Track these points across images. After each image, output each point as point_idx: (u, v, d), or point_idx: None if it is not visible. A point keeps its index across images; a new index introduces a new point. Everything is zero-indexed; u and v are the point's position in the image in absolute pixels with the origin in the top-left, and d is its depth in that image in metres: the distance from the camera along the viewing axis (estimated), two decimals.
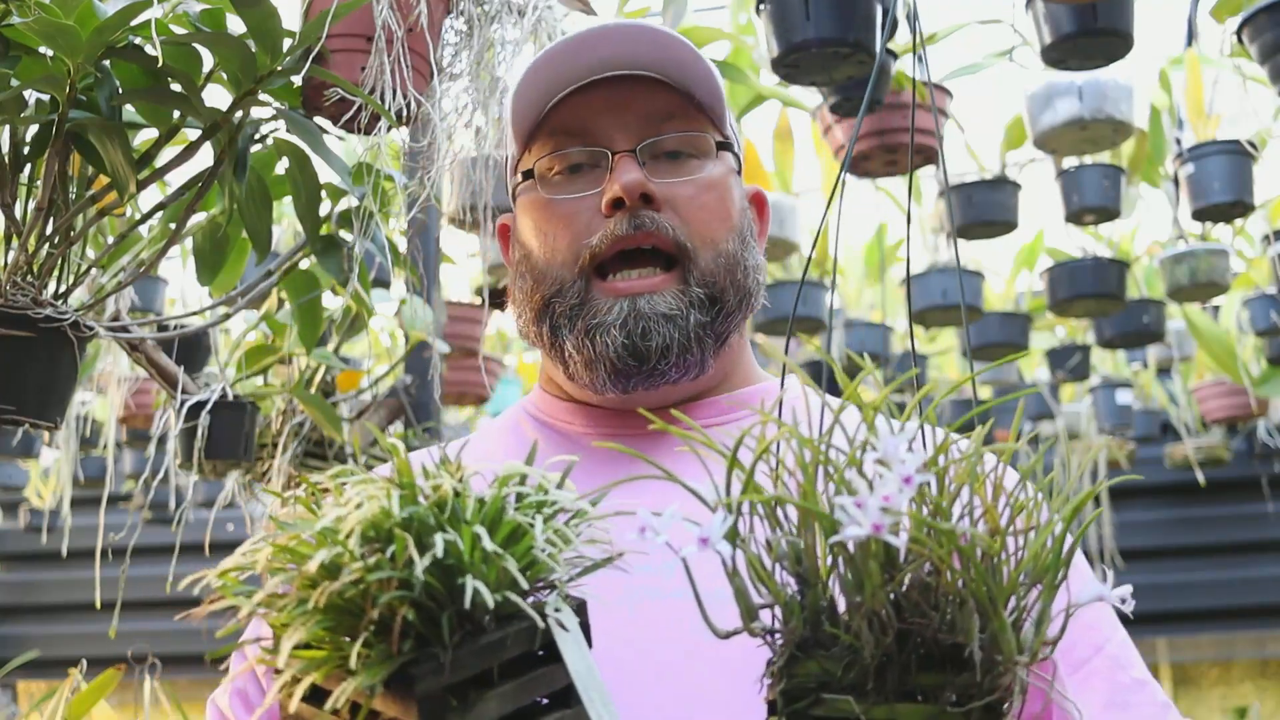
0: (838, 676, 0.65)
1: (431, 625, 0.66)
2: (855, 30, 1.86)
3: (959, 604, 0.64)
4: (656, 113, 1.03)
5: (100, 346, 2.42)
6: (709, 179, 1.03)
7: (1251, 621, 5.78)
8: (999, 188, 3.19)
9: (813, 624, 0.67)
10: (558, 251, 1.02)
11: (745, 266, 1.04)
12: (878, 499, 0.61)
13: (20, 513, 5.76)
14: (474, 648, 0.67)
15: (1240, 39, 2.27)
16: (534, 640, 0.70)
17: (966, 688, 0.65)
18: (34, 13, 1.08)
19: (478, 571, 0.66)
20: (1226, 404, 4.60)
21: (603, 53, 1.02)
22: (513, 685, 0.69)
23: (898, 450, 0.63)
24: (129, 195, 1.22)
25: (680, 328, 0.99)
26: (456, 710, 0.66)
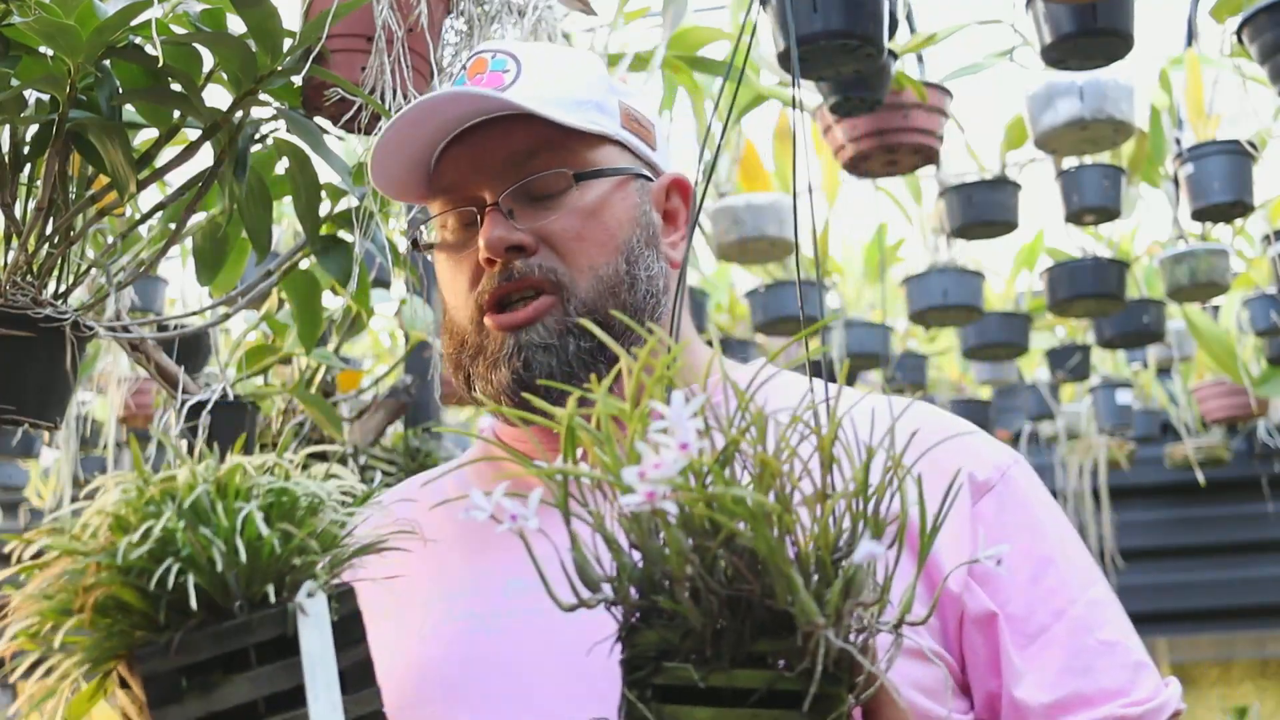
0: (676, 645, 0.66)
1: (157, 609, 0.69)
2: (863, 24, 1.86)
3: (765, 569, 0.64)
4: (519, 153, 1.04)
5: (100, 346, 2.42)
6: (579, 208, 1.04)
7: (1251, 621, 5.78)
8: (999, 188, 3.19)
9: (647, 594, 0.68)
10: (459, 309, 1.07)
11: (634, 283, 1.05)
12: (649, 467, 0.62)
13: (20, 513, 5.76)
14: (213, 631, 0.69)
15: (1240, 39, 2.27)
16: (284, 625, 0.71)
17: (794, 653, 0.65)
18: (34, 13, 1.08)
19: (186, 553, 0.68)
20: (1226, 404, 4.60)
21: (460, 108, 1.04)
22: (271, 668, 0.71)
23: (682, 417, 0.63)
24: (129, 195, 1.22)
25: (559, 357, 1.01)
26: (191, 691, 0.69)
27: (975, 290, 3.63)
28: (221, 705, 0.70)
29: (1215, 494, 5.57)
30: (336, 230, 1.55)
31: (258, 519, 0.71)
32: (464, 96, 1.03)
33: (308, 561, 0.74)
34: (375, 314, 2.28)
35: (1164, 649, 6.08)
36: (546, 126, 1.03)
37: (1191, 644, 6.09)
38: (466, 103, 1.03)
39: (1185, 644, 6.09)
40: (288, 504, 0.73)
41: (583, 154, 1.06)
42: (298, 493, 0.74)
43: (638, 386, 0.70)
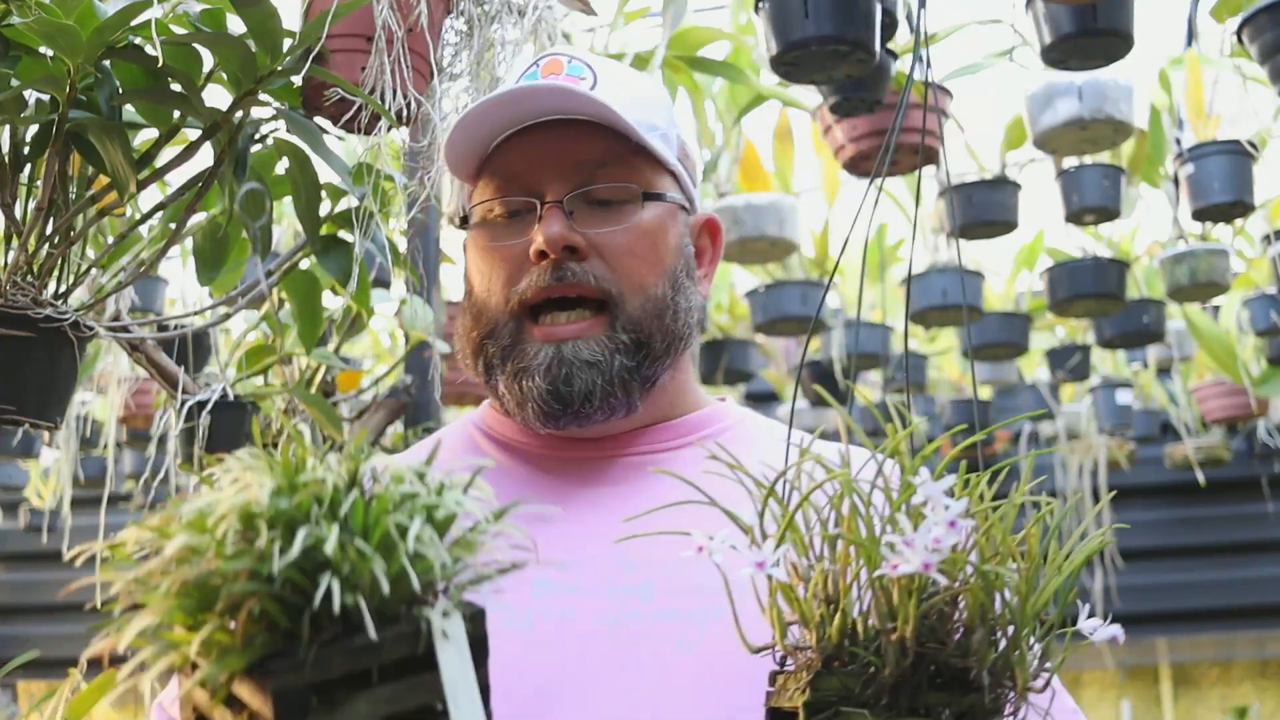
0: (857, 691, 0.72)
1: (297, 620, 0.65)
2: (855, 28, 1.86)
3: (971, 632, 0.72)
4: (589, 160, 1.06)
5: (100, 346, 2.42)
6: (639, 226, 1.06)
7: (1251, 621, 5.78)
8: (999, 188, 3.19)
9: (839, 644, 0.74)
10: (493, 294, 1.07)
11: (675, 310, 1.07)
12: (927, 539, 0.69)
13: (20, 513, 5.76)
14: (345, 647, 0.66)
15: (1240, 39, 2.27)
16: (416, 644, 0.68)
17: (971, 708, 0.72)
18: (34, 13, 1.08)
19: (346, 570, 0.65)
20: (1226, 404, 4.60)
21: (541, 103, 1.05)
22: (388, 689, 0.68)
23: (940, 494, 0.70)
24: (129, 195, 1.22)
25: (604, 373, 1.03)
26: (318, 710, 0.66)
27: (975, 290, 3.63)
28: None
29: (1215, 494, 5.57)
30: (336, 230, 1.55)
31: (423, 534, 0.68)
32: (561, 91, 1.04)
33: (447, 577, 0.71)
34: (375, 314, 2.28)
35: (1164, 649, 6.08)
36: (617, 141, 1.05)
37: (1191, 644, 6.09)
38: (561, 98, 1.04)
39: (1185, 644, 6.09)
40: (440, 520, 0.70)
41: (647, 175, 1.08)
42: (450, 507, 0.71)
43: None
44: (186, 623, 0.67)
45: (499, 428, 1.16)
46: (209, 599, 0.66)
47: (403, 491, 0.70)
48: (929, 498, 0.71)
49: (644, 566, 0.99)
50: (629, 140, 1.06)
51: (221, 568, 0.64)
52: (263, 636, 0.65)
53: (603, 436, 1.08)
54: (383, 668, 0.68)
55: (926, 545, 0.69)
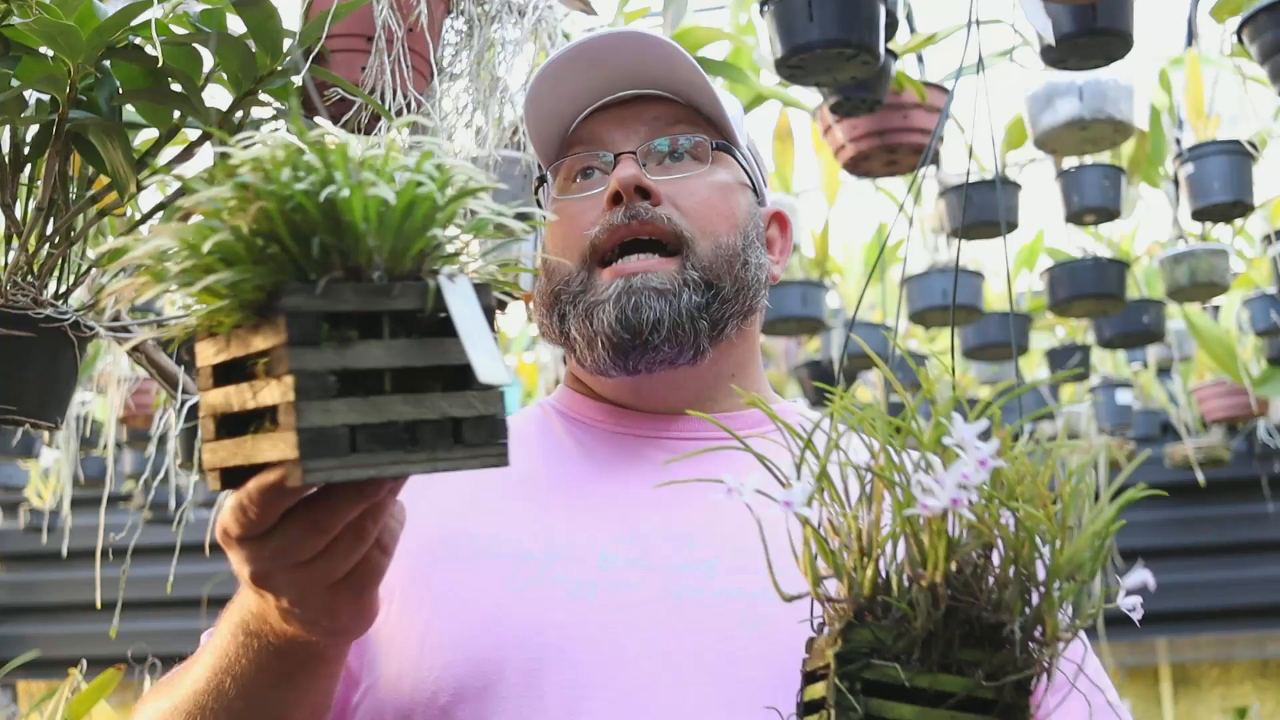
0: (889, 644, 0.73)
1: (305, 252, 0.67)
2: (859, 31, 1.86)
3: (1003, 585, 0.72)
4: (663, 118, 1.10)
5: (100, 346, 2.42)
6: (712, 178, 1.09)
7: (1251, 621, 5.78)
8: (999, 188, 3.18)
9: (871, 594, 0.74)
10: (566, 248, 1.08)
11: (746, 261, 1.09)
12: (955, 476, 0.69)
13: (20, 513, 5.76)
14: (355, 286, 0.68)
15: (1240, 39, 2.27)
16: (424, 299, 0.70)
17: (1003, 664, 0.72)
18: (34, 13, 1.08)
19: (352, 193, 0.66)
20: (1226, 404, 4.60)
21: (612, 68, 1.08)
22: (403, 342, 0.69)
23: (972, 436, 0.70)
24: (129, 195, 1.22)
25: (672, 304, 1.03)
26: (332, 340, 0.67)
27: (975, 290, 3.63)
28: (355, 364, 0.68)
29: (1215, 494, 5.56)
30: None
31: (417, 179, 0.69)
32: (653, 40, 1.07)
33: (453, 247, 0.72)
34: None
35: (1164, 649, 6.08)
36: (690, 110, 1.09)
37: (1191, 644, 6.09)
38: (653, 45, 1.07)
39: (1185, 644, 6.08)
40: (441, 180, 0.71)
41: (712, 142, 1.11)
42: (453, 171, 0.72)
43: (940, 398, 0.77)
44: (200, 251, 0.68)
45: (570, 404, 1.16)
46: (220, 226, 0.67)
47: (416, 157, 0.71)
48: (961, 439, 0.70)
49: (709, 544, 0.99)
50: (699, 111, 1.10)
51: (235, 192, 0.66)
52: (274, 253, 0.66)
53: (670, 413, 1.08)
54: (392, 323, 0.69)
55: (956, 482, 0.69)
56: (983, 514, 0.71)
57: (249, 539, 0.74)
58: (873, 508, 0.75)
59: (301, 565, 0.75)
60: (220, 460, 0.73)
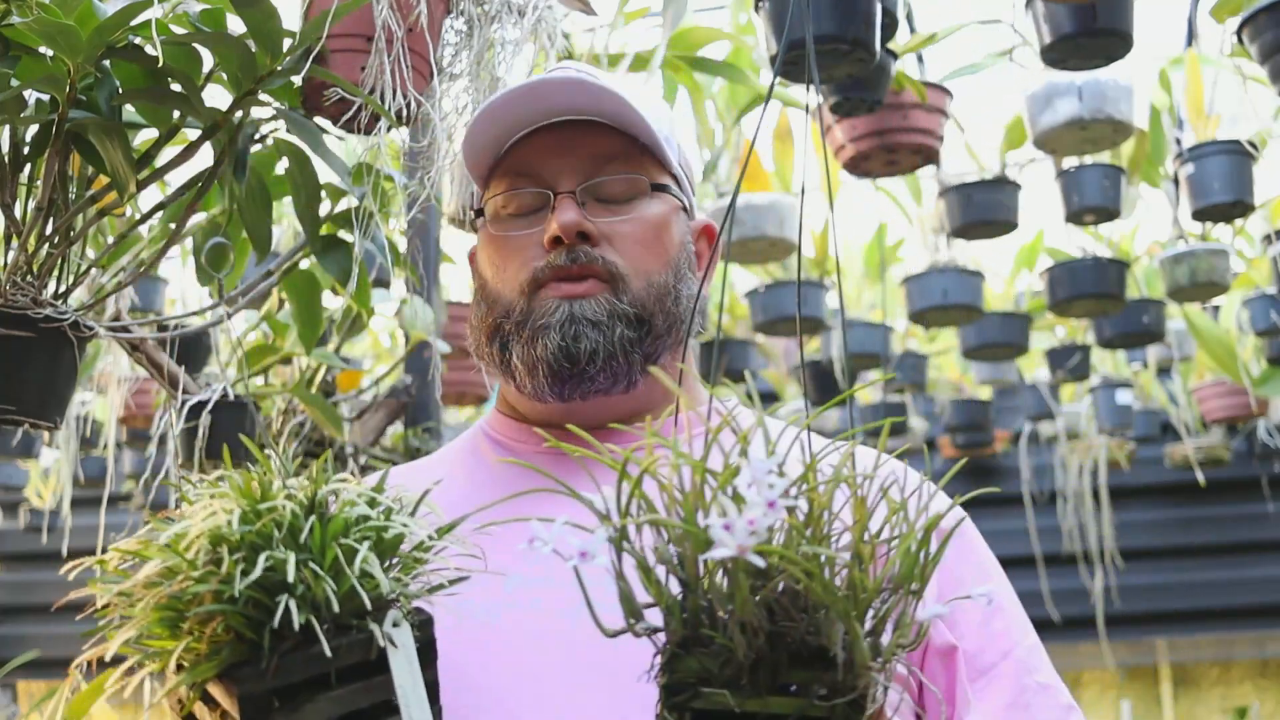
0: (715, 673, 0.72)
1: (260, 632, 0.74)
2: (855, 27, 1.86)
3: (823, 611, 0.71)
4: (599, 155, 1.12)
5: (100, 346, 2.42)
6: (646, 217, 1.13)
7: (1251, 621, 5.78)
8: (999, 188, 3.18)
9: (692, 625, 0.74)
10: (507, 280, 1.12)
11: (677, 296, 1.13)
12: (744, 523, 0.68)
13: (20, 513, 5.76)
14: (304, 656, 0.75)
15: (1240, 39, 2.27)
16: (369, 651, 0.77)
17: (833, 684, 0.72)
18: (34, 13, 1.08)
19: (301, 590, 0.74)
20: (1226, 404, 4.60)
21: (551, 101, 1.11)
22: (346, 690, 0.77)
23: (766, 474, 0.68)
24: (129, 195, 1.22)
25: (606, 336, 1.08)
26: (281, 711, 0.74)
27: (975, 290, 3.63)
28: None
29: (1215, 494, 5.57)
30: (336, 230, 1.55)
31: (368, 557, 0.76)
32: (583, 84, 1.10)
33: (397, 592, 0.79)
34: (375, 314, 2.28)
35: (1164, 649, 6.08)
36: (626, 139, 1.12)
37: (1191, 644, 6.09)
38: (582, 91, 1.10)
39: (1185, 644, 6.08)
40: (388, 542, 0.78)
41: (653, 173, 1.15)
42: (397, 529, 0.79)
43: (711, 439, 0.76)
44: (165, 633, 0.76)
45: (498, 428, 1.20)
46: (183, 614, 0.75)
47: (354, 515, 0.78)
48: (755, 478, 0.69)
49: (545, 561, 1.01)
50: (637, 140, 1.13)
51: (192, 588, 0.74)
52: (230, 647, 0.74)
53: (597, 427, 1.10)
54: (340, 671, 0.77)
55: (745, 530, 0.68)
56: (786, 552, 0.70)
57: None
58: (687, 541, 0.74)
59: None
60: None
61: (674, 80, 2.75)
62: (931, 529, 0.75)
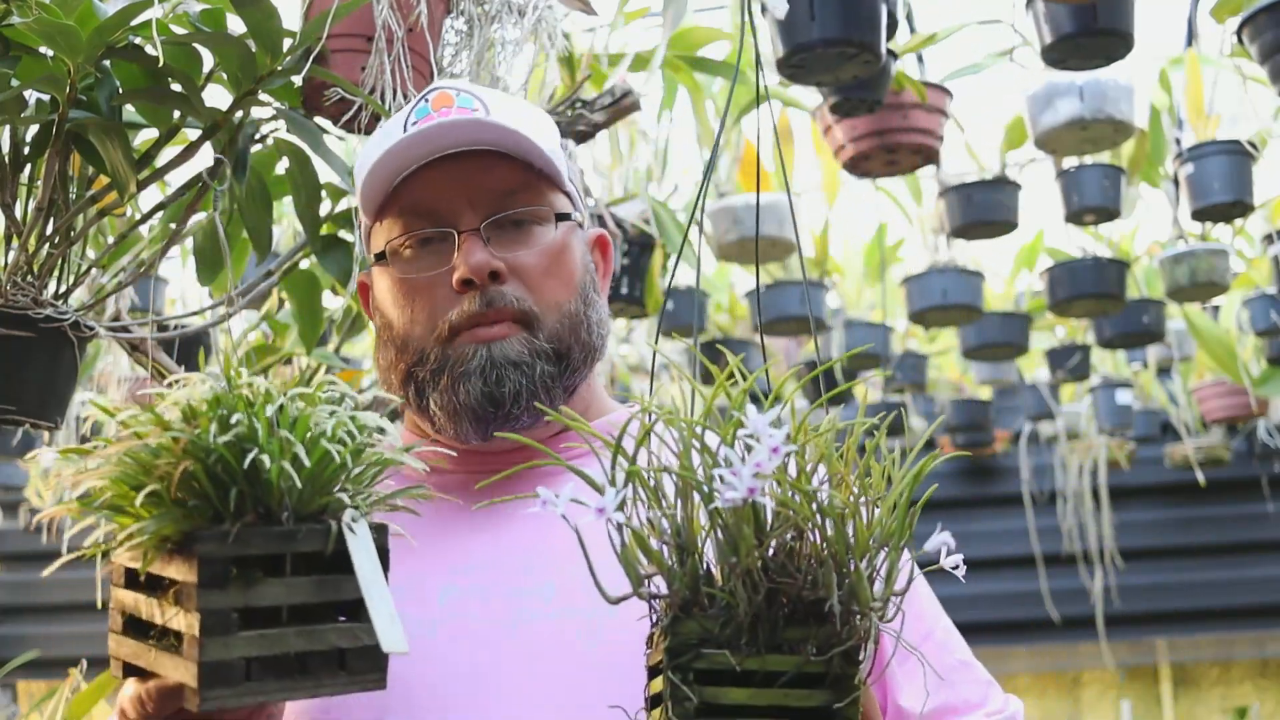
0: (715, 633, 0.76)
1: (224, 499, 0.75)
2: (861, 30, 1.86)
3: (819, 563, 0.76)
4: (499, 188, 1.10)
5: (100, 346, 2.42)
6: (551, 246, 1.12)
7: (1251, 621, 5.78)
8: (999, 188, 3.18)
9: (692, 588, 0.77)
10: (417, 324, 1.10)
11: (588, 323, 1.13)
12: (750, 466, 0.72)
13: (20, 513, 5.75)
14: (265, 531, 0.76)
15: (1240, 39, 2.27)
16: (326, 541, 0.78)
17: (828, 638, 0.76)
18: (34, 13, 1.08)
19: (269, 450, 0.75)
20: (1226, 404, 4.60)
21: (452, 136, 1.09)
22: (303, 580, 0.78)
23: (765, 425, 0.73)
24: (129, 195, 1.22)
25: (528, 375, 1.07)
26: (237, 582, 0.76)
27: (975, 290, 3.63)
28: (257, 602, 0.76)
29: (1215, 494, 5.56)
30: (336, 230, 1.55)
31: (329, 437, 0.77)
32: (477, 124, 1.07)
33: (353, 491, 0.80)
34: None
35: (1164, 649, 6.08)
36: (520, 166, 1.10)
37: (1191, 644, 6.09)
38: (477, 130, 1.08)
39: (1185, 644, 6.08)
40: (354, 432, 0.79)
41: (550, 197, 1.13)
42: (364, 423, 0.80)
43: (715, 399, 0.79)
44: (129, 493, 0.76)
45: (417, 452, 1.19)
46: (148, 473, 0.75)
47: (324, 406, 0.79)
48: (754, 429, 0.73)
49: (544, 569, 1.03)
50: (531, 165, 1.10)
51: (162, 442, 0.74)
52: (193, 503, 0.75)
53: (514, 449, 1.09)
54: (294, 562, 0.78)
55: (752, 473, 0.72)
56: (787, 498, 0.75)
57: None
58: (685, 504, 0.78)
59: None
60: (124, 655, 0.83)
61: (674, 80, 2.75)
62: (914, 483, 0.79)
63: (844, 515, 0.76)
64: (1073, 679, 6.22)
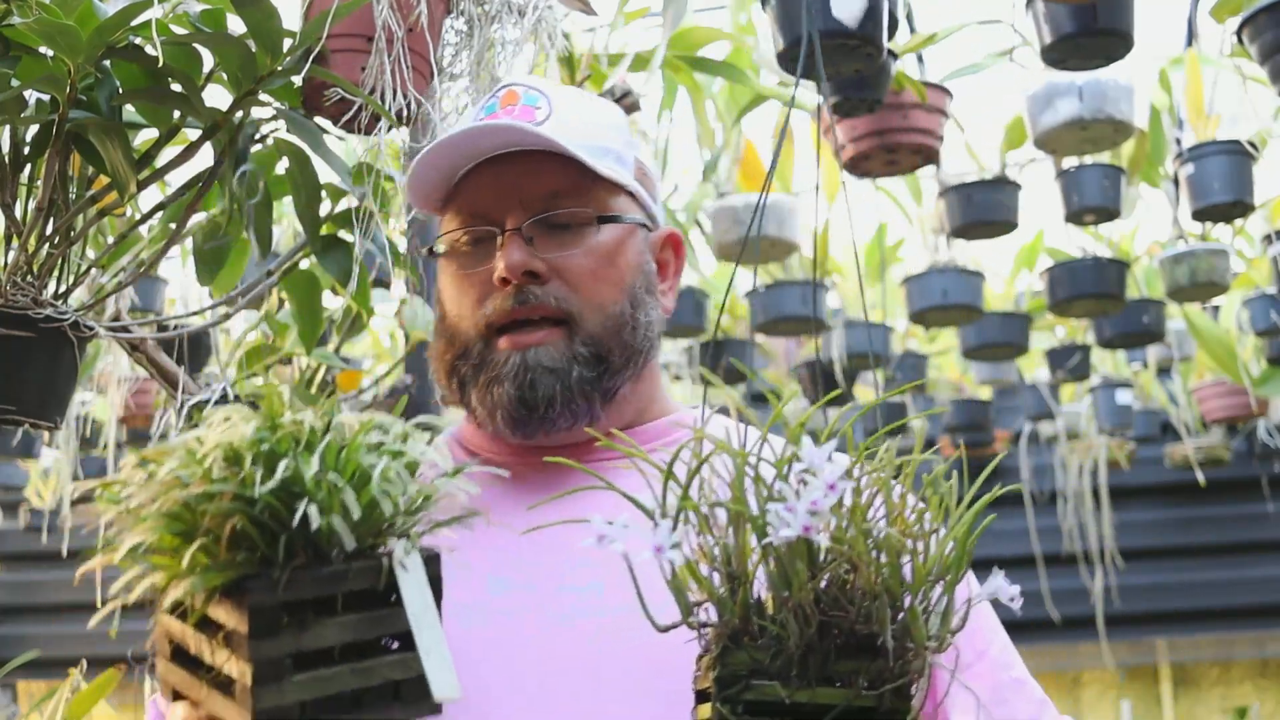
0: (766, 664, 0.74)
1: (273, 545, 0.73)
2: (862, 23, 1.86)
3: (873, 598, 0.74)
4: (546, 191, 1.12)
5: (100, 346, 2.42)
6: (598, 247, 1.13)
7: (1251, 621, 5.77)
8: (999, 188, 3.18)
9: (743, 618, 0.76)
10: (463, 318, 1.13)
11: (635, 325, 1.13)
12: (806, 503, 0.71)
13: (20, 513, 5.75)
14: (315, 574, 0.74)
15: (1240, 39, 2.27)
16: (378, 578, 0.77)
17: (880, 673, 0.74)
18: (34, 13, 1.08)
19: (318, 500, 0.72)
20: (1226, 404, 4.60)
21: (497, 139, 1.11)
22: (355, 617, 0.76)
23: (821, 461, 0.72)
24: (129, 195, 1.22)
25: (563, 380, 1.09)
26: (289, 628, 0.74)
27: (975, 290, 3.63)
28: (310, 645, 0.75)
29: (1215, 494, 5.56)
30: (336, 230, 1.55)
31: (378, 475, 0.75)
32: (509, 129, 1.10)
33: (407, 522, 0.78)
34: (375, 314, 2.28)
35: (1164, 649, 6.07)
36: (573, 167, 1.11)
37: (1191, 644, 6.09)
38: (509, 134, 1.10)
39: (1185, 644, 6.08)
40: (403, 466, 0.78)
41: (603, 198, 1.14)
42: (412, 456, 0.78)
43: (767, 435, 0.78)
44: (172, 545, 0.74)
45: (472, 439, 1.21)
46: (194, 523, 0.73)
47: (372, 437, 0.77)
48: (810, 464, 0.73)
49: (595, 566, 1.02)
50: (584, 166, 1.11)
51: (208, 490, 0.72)
52: (241, 557, 0.73)
53: (567, 445, 1.12)
54: (346, 600, 0.76)
55: (806, 509, 0.71)
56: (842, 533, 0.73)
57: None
58: (737, 533, 0.77)
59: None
60: (174, 683, 0.81)
61: (674, 80, 2.75)
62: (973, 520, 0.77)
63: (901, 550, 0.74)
64: (1073, 679, 6.22)
